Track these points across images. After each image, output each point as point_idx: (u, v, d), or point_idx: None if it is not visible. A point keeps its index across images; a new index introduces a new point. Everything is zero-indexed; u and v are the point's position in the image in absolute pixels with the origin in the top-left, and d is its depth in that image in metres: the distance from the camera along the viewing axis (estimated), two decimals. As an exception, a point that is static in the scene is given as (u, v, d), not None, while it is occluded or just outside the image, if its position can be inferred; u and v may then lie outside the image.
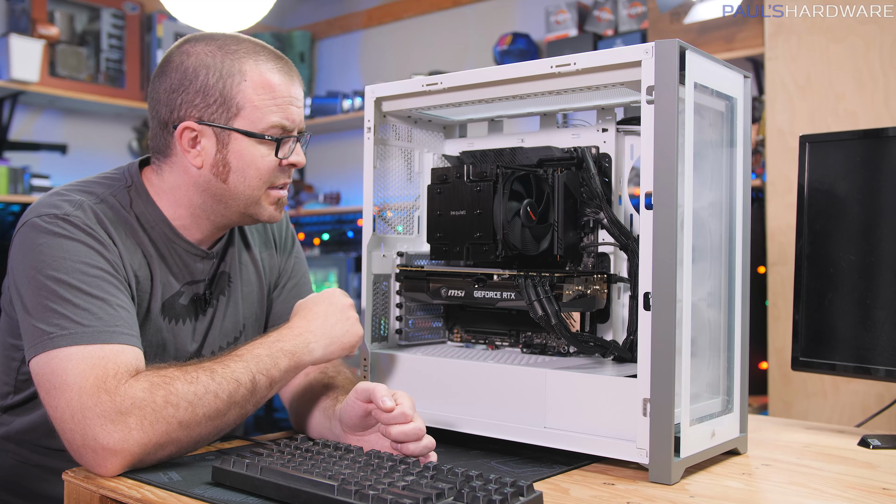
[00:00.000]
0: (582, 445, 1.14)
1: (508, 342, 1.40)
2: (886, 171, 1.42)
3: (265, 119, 1.25)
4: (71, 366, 1.07)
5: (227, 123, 1.24)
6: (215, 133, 1.25)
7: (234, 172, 1.26)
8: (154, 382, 1.07)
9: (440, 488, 0.90)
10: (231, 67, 1.24)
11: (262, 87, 1.25)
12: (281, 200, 1.32)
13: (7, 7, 3.99)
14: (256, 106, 1.24)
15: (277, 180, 1.30)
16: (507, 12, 4.11)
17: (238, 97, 1.24)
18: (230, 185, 1.27)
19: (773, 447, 1.31)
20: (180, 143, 1.26)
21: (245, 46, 1.27)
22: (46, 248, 1.15)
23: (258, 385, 1.14)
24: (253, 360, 1.15)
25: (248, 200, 1.29)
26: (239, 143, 1.25)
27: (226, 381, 1.11)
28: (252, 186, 1.28)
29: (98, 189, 1.27)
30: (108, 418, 1.04)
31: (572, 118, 1.43)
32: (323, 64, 4.96)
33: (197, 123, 1.24)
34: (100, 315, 1.12)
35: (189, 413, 1.07)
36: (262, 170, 1.27)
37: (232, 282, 1.40)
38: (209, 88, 1.24)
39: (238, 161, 1.26)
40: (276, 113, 1.25)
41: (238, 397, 1.12)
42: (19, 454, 1.32)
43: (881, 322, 1.40)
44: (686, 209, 1.09)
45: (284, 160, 1.28)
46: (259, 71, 1.25)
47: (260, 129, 1.25)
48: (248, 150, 1.25)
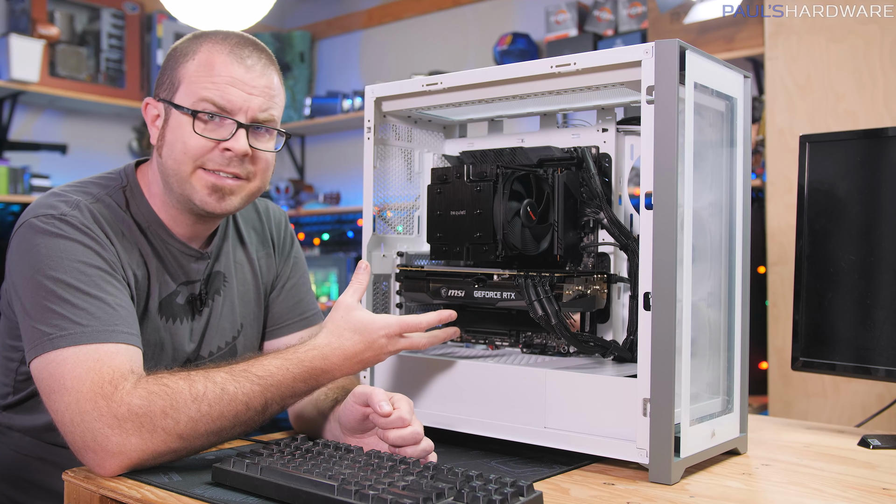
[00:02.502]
0: (582, 445, 1.14)
1: (508, 342, 1.40)
2: (886, 171, 1.42)
3: (196, 94, 1.24)
4: (68, 369, 1.07)
5: (170, 99, 1.26)
6: (165, 109, 1.28)
7: (167, 146, 1.27)
8: (153, 391, 1.05)
9: (440, 488, 0.90)
10: (188, 49, 1.27)
11: (204, 64, 1.25)
12: (218, 187, 1.25)
13: (7, 7, 3.99)
14: (192, 81, 1.25)
15: (208, 162, 1.25)
16: (507, 12, 4.11)
17: (181, 73, 1.26)
18: (163, 158, 1.27)
19: (773, 447, 1.31)
20: (146, 119, 1.31)
21: (219, 35, 1.28)
22: (44, 249, 1.15)
23: (269, 410, 1.12)
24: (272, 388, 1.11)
25: (177, 177, 1.26)
26: (175, 117, 1.26)
27: (235, 403, 1.08)
28: (177, 160, 1.25)
29: (94, 189, 1.27)
30: (106, 423, 1.03)
31: (572, 118, 1.43)
32: (323, 64, 4.96)
33: (155, 100, 1.30)
34: (98, 314, 1.12)
35: (190, 428, 1.06)
36: (189, 146, 1.24)
37: (227, 281, 1.40)
38: (167, 68, 1.29)
39: (171, 134, 1.26)
40: (210, 90, 1.23)
41: (245, 418, 1.10)
42: (20, 447, 1.33)
43: (881, 322, 1.40)
44: (686, 209, 1.09)
45: (222, 144, 1.24)
46: (209, 52, 1.25)
47: (190, 104, 1.24)
48: (179, 125, 1.25)
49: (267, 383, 1.11)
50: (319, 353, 1.16)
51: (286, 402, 1.14)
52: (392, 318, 1.20)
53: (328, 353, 1.16)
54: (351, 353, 1.17)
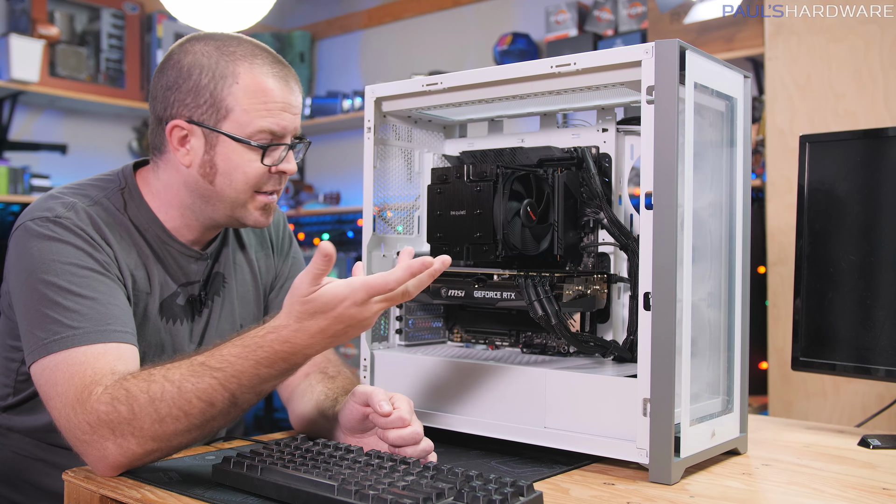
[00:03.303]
0: (582, 445, 1.14)
1: (508, 342, 1.40)
2: (886, 171, 1.42)
3: (253, 124, 1.22)
4: (59, 374, 1.08)
5: (215, 125, 1.23)
6: (204, 134, 1.24)
7: (221, 175, 1.25)
8: (116, 397, 1.04)
9: (440, 488, 0.90)
10: (224, 69, 1.22)
11: (254, 91, 1.22)
12: (268, 206, 1.30)
13: (7, 7, 3.99)
14: (245, 110, 1.22)
15: (265, 186, 1.27)
16: (507, 12, 4.11)
17: (228, 99, 1.22)
18: (217, 186, 1.26)
19: (773, 447, 1.31)
20: (170, 140, 1.25)
21: (244, 48, 1.25)
22: (37, 252, 1.16)
23: (240, 399, 1.05)
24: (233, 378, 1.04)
25: (233, 203, 1.27)
26: (226, 146, 1.23)
27: (197, 401, 1.03)
28: (238, 190, 1.26)
29: (92, 191, 1.27)
30: (84, 431, 1.04)
31: (572, 118, 1.43)
32: (323, 64, 4.96)
33: (187, 122, 1.24)
34: (89, 315, 1.12)
35: (157, 429, 1.03)
36: (249, 175, 1.25)
37: (226, 282, 1.40)
38: (201, 88, 1.23)
39: (225, 164, 1.24)
40: (266, 118, 1.23)
41: (214, 413, 1.05)
42: (20, 448, 1.33)
43: (881, 322, 1.40)
44: (686, 209, 1.09)
45: (274, 167, 1.26)
46: (252, 74, 1.23)
47: (247, 134, 1.23)
48: (236, 155, 1.24)
49: (226, 374, 1.03)
50: (278, 336, 1.04)
51: (261, 388, 1.05)
52: (356, 282, 1.03)
53: (288, 336, 1.04)
54: (316, 330, 1.04)
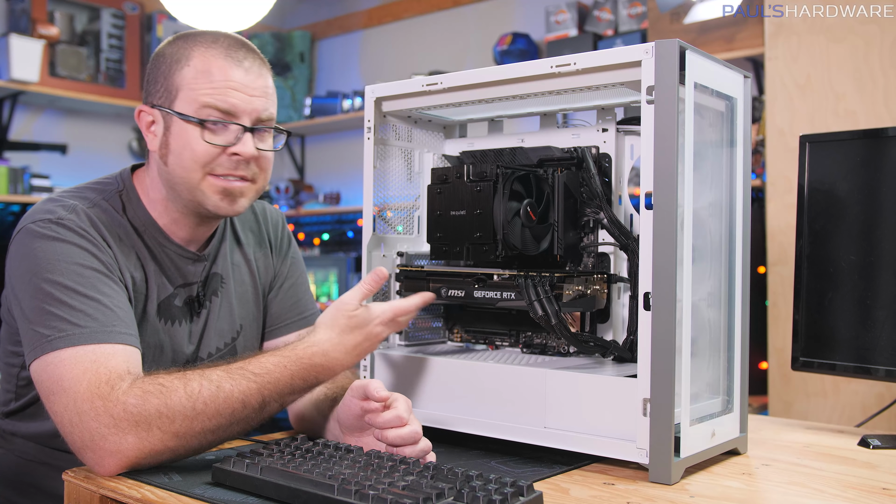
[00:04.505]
0: (582, 445, 1.14)
1: (508, 342, 1.40)
2: (886, 171, 1.42)
3: (198, 101, 1.23)
4: (65, 370, 1.07)
5: (169, 106, 1.25)
6: (163, 116, 1.27)
7: (172, 154, 1.26)
8: (148, 391, 1.05)
9: (440, 488, 0.90)
10: (180, 53, 1.26)
11: (202, 71, 1.24)
12: (228, 191, 1.27)
13: (7, 7, 3.99)
14: (192, 87, 1.24)
15: (218, 168, 1.26)
16: (507, 12, 4.11)
17: (177, 80, 1.25)
18: (170, 167, 1.27)
19: (773, 447, 1.31)
20: (140, 125, 1.30)
21: (208, 37, 1.27)
22: (41, 252, 1.16)
23: (268, 408, 1.12)
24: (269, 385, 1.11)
25: (187, 185, 1.26)
26: (178, 125, 1.25)
27: (231, 401, 1.08)
28: (186, 168, 1.25)
29: (91, 194, 1.28)
30: (103, 423, 1.04)
31: (572, 118, 1.43)
32: (323, 64, 4.96)
33: (149, 107, 1.28)
34: (95, 315, 1.12)
35: (185, 426, 1.05)
36: (197, 152, 1.24)
37: (224, 283, 1.40)
38: (159, 74, 1.27)
39: (175, 142, 1.25)
40: (211, 96, 1.23)
41: (242, 416, 1.09)
42: (24, 452, 1.33)
43: (881, 322, 1.40)
44: (686, 209, 1.09)
45: (227, 149, 1.25)
46: (204, 57, 1.25)
47: (193, 111, 1.24)
48: (184, 133, 1.24)
49: (264, 381, 1.10)
50: (320, 349, 1.16)
51: (285, 400, 1.14)
52: (386, 306, 1.23)
53: (328, 349, 1.16)
54: (351, 346, 1.19)
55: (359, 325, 1.19)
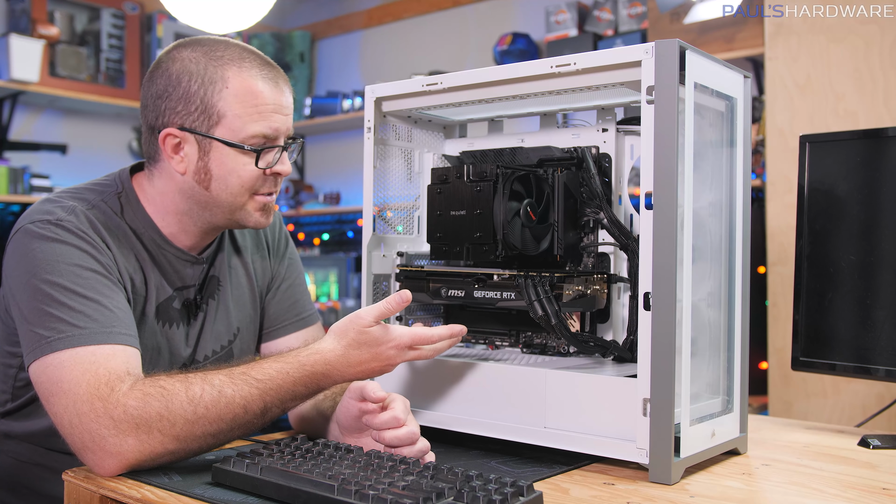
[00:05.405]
0: (582, 445, 1.14)
1: (508, 342, 1.40)
2: (886, 171, 1.42)
3: (246, 128, 1.22)
4: (65, 372, 1.07)
5: (208, 131, 1.23)
6: (197, 140, 1.24)
7: (216, 180, 1.25)
8: (149, 393, 1.05)
9: (440, 488, 0.90)
10: (213, 74, 1.22)
11: (244, 94, 1.22)
12: (267, 206, 1.30)
13: (7, 7, 3.99)
14: (237, 114, 1.22)
15: (262, 188, 1.28)
16: (507, 12, 4.11)
17: (219, 105, 1.22)
18: (213, 192, 1.26)
19: (773, 447, 1.31)
20: (164, 148, 1.25)
21: (231, 52, 1.25)
22: (40, 253, 1.16)
23: (269, 413, 1.11)
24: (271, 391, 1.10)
25: (231, 207, 1.27)
26: (220, 151, 1.23)
27: (232, 406, 1.07)
28: (234, 194, 1.26)
29: (89, 196, 1.27)
30: (103, 424, 1.04)
31: (572, 118, 1.43)
32: (323, 64, 4.96)
33: (179, 130, 1.24)
34: (95, 316, 1.12)
35: (186, 430, 1.05)
36: (244, 178, 1.25)
37: (221, 286, 1.39)
38: (191, 95, 1.22)
39: (219, 169, 1.24)
40: (259, 122, 1.23)
41: (244, 421, 1.09)
42: (19, 454, 1.33)
43: (881, 322, 1.40)
44: (686, 209, 1.09)
45: (269, 170, 1.26)
46: (242, 78, 1.23)
47: (240, 139, 1.23)
48: (230, 159, 1.23)
49: (266, 387, 1.10)
50: (322, 357, 1.14)
51: (286, 406, 1.13)
52: (405, 330, 1.17)
53: (332, 360, 1.14)
54: (356, 361, 1.15)
55: (368, 343, 1.15)
